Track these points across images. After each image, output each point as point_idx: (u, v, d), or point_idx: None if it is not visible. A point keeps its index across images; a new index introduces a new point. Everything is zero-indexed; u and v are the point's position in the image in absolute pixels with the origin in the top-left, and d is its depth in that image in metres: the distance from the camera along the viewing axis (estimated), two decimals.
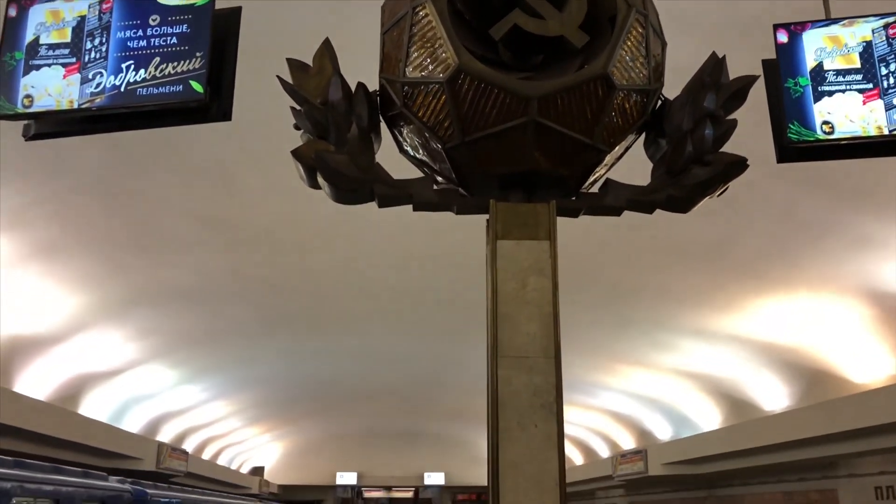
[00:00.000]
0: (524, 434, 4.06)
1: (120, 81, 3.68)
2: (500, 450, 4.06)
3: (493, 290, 4.22)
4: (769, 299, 12.02)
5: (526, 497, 4.00)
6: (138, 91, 3.67)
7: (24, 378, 13.16)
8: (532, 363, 4.14)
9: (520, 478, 4.02)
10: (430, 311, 15.28)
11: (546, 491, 4.01)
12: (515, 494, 4.01)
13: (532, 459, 4.02)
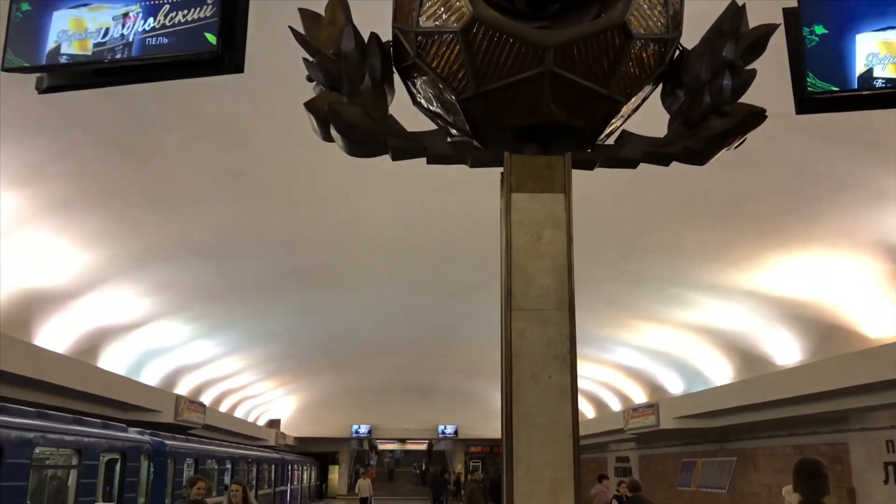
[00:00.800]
0: (538, 386, 4.09)
1: (128, 31, 3.65)
2: (514, 401, 4.10)
3: (507, 244, 4.21)
4: (784, 254, 11.95)
5: (539, 448, 4.05)
6: (148, 41, 3.63)
7: (43, 332, 13.35)
8: (546, 315, 4.15)
9: (533, 429, 4.06)
10: (443, 266, 15.32)
11: (559, 441, 4.05)
12: (529, 445, 4.05)
13: (545, 411, 4.05)
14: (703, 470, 20.84)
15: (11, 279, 11.66)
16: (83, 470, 11.17)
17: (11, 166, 9.22)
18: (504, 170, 4.11)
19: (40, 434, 9.90)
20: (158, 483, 14.90)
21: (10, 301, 11.99)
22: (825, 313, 12.98)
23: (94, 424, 12.14)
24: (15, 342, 11.87)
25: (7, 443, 8.95)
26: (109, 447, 12.28)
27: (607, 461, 29.52)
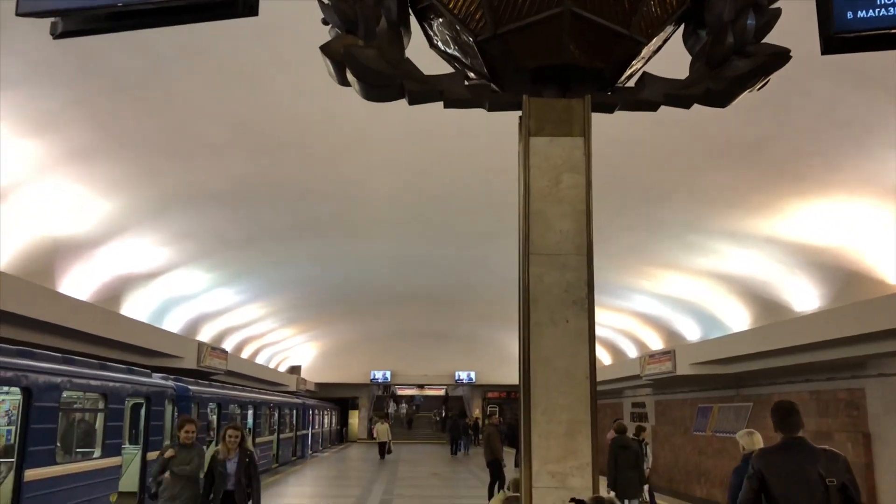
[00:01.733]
0: (555, 330, 4.12)
1: None
2: (532, 345, 4.13)
3: (526, 189, 4.19)
4: (805, 200, 11.81)
5: (556, 390, 4.09)
6: None
7: (66, 279, 13.54)
8: (564, 260, 4.15)
9: (550, 372, 4.10)
10: (461, 213, 15.29)
11: (576, 384, 4.09)
12: (546, 388, 4.10)
13: (563, 354, 4.09)
14: (719, 415, 21.01)
15: (34, 228, 11.80)
16: (109, 413, 11.47)
17: (28, 113, 9.24)
18: (522, 113, 4.07)
19: (67, 378, 10.14)
20: None
21: (33, 249, 12.15)
22: (845, 260, 12.88)
23: (119, 370, 12.40)
24: (39, 289, 12.06)
25: (35, 387, 9.17)
26: (134, 392, 12.56)
27: (623, 406, 29.82)
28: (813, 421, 15.96)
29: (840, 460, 4.78)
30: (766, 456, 4.99)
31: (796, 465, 4.77)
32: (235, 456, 8.15)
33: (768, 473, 4.81)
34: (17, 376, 8.89)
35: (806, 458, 4.79)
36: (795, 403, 5.13)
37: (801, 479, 4.68)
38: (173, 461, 8.02)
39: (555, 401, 4.07)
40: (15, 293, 11.05)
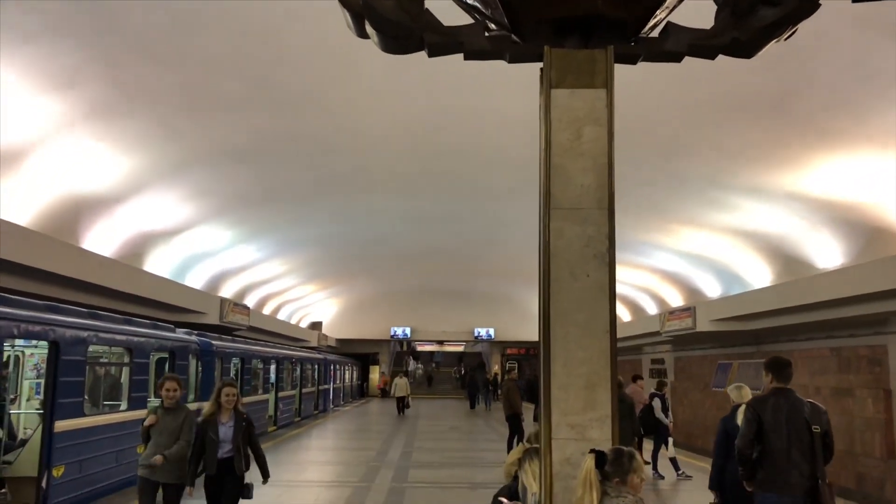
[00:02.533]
0: (576, 284, 4.12)
1: None
2: (552, 299, 4.13)
3: (547, 142, 4.16)
4: (830, 154, 11.62)
5: (576, 344, 4.11)
6: None
7: (89, 236, 13.69)
8: (585, 215, 4.13)
9: (570, 325, 4.11)
10: (481, 169, 15.22)
11: (596, 338, 4.10)
12: (566, 342, 4.12)
13: (583, 308, 4.09)
14: (739, 371, 21.02)
15: (57, 185, 11.90)
16: (135, 367, 11.67)
17: (48, 70, 9.26)
18: (543, 65, 4.02)
19: (93, 333, 10.31)
20: (206, 381, 15.52)
21: (57, 207, 12.27)
22: (870, 215, 12.71)
23: (143, 325, 12.59)
24: (65, 246, 12.21)
25: (63, 340, 9.34)
26: (159, 346, 12.76)
27: (642, 363, 29.92)
28: (833, 377, 15.94)
29: (822, 411, 5.55)
30: (760, 403, 5.61)
31: (787, 412, 5.42)
32: (230, 419, 7.15)
33: (764, 417, 5.44)
34: (45, 330, 9.05)
35: (795, 406, 5.47)
36: (788, 359, 5.78)
37: (791, 423, 5.37)
38: (155, 429, 7.04)
39: (574, 354, 4.09)
40: (41, 250, 11.21)
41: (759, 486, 5.50)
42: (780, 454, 5.36)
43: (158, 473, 6.90)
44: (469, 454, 16.37)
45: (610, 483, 3.70)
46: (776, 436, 5.38)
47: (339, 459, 15.77)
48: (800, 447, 5.33)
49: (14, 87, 9.23)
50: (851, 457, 15.13)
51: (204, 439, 7.01)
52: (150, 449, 7.02)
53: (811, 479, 5.31)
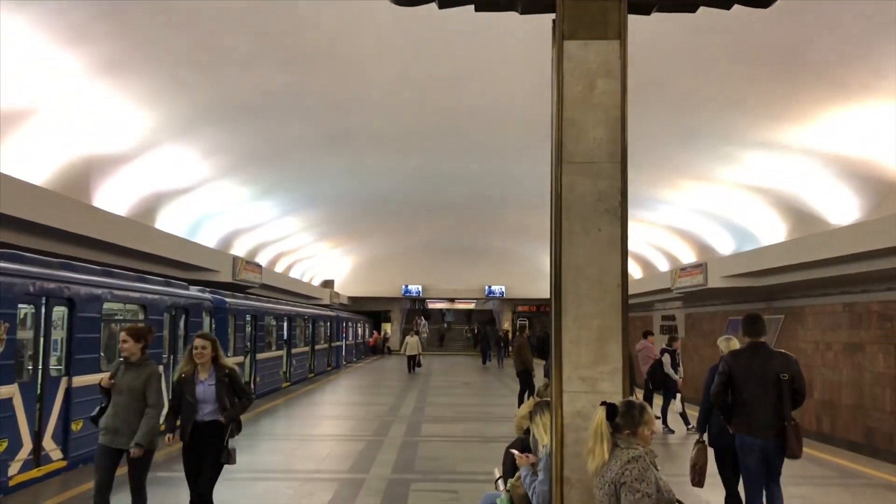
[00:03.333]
0: (588, 238, 4.12)
1: None
2: (563, 253, 4.14)
3: (559, 95, 4.12)
4: (846, 107, 11.45)
5: (588, 298, 4.12)
6: None
7: (101, 194, 13.73)
8: (598, 168, 4.11)
9: (582, 280, 4.12)
10: (493, 126, 15.11)
11: (608, 292, 4.11)
12: (577, 296, 4.13)
13: (594, 262, 4.10)
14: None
15: (69, 142, 11.91)
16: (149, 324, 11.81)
17: (58, 25, 9.19)
18: (556, 16, 3.97)
19: (108, 290, 10.42)
20: (220, 338, 15.70)
21: (69, 165, 12.30)
22: (886, 171, 12.57)
23: (157, 282, 12.69)
24: (78, 204, 12.27)
25: (78, 298, 9.45)
26: (173, 303, 12.89)
27: (653, 319, 30.00)
28: (845, 333, 15.95)
29: (792, 360, 6.10)
30: (734, 356, 6.23)
31: (758, 364, 6.00)
32: (210, 376, 6.24)
33: (735, 370, 6.06)
34: (61, 288, 9.15)
35: (765, 358, 6.05)
36: (761, 315, 6.43)
37: (761, 374, 5.94)
38: (115, 387, 6.05)
39: (586, 308, 4.11)
40: (54, 208, 11.27)
41: (736, 428, 6.09)
42: (753, 400, 5.95)
43: (121, 439, 5.91)
44: (481, 409, 16.55)
45: (620, 435, 3.74)
46: (749, 384, 5.96)
47: (351, 414, 16.00)
48: (770, 393, 5.89)
49: (25, 43, 9.19)
50: (861, 411, 15.22)
51: (181, 401, 6.22)
52: (108, 411, 6.04)
53: (780, 421, 5.86)
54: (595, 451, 3.71)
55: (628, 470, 3.56)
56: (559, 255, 4.13)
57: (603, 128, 4.07)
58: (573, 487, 4.09)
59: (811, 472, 9.39)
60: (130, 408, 5.92)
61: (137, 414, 5.92)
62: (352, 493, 7.86)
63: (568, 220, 4.11)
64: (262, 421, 13.89)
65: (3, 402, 7.91)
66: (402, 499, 7.61)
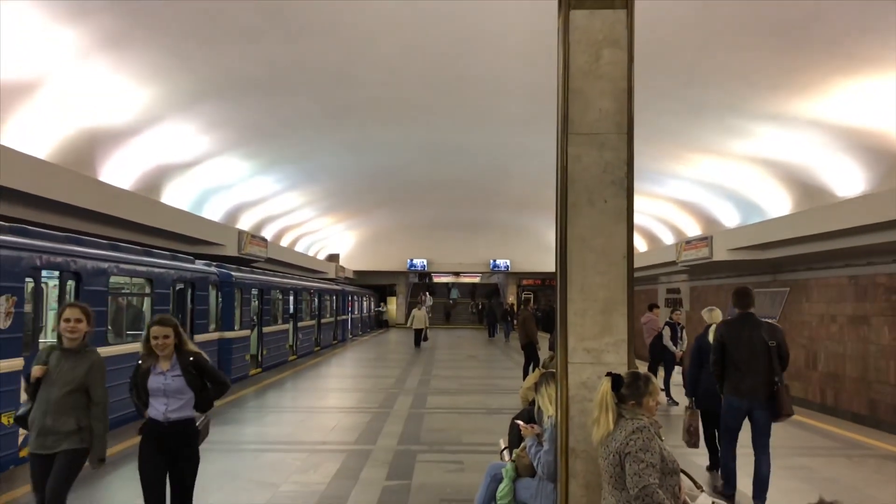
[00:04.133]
0: (593, 210, 4.12)
1: None
2: (569, 225, 4.14)
3: (565, 65, 4.10)
4: (854, 80, 11.35)
5: (593, 270, 4.13)
6: None
7: (105, 168, 13.74)
8: (603, 139, 4.10)
9: (587, 251, 4.13)
10: (497, 99, 15.02)
11: (613, 264, 4.12)
12: (583, 267, 4.14)
13: (600, 233, 4.10)
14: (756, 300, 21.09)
15: (73, 117, 11.89)
16: (156, 298, 11.87)
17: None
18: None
19: (114, 264, 10.45)
20: (227, 311, 15.78)
21: (74, 139, 12.29)
22: (893, 143, 12.49)
23: (163, 256, 12.73)
24: (83, 178, 12.28)
25: (84, 271, 9.49)
26: (179, 277, 12.93)
27: (658, 292, 30.03)
28: (850, 305, 15.95)
29: (778, 329, 6.77)
30: (726, 326, 6.87)
31: (747, 332, 6.55)
32: (173, 366, 5.00)
33: (728, 339, 6.62)
34: (67, 261, 9.19)
35: (754, 327, 6.58)
36: (750, 288, 6.95)
37: (750, 342, 6.49)
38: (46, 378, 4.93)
39: (591, 279, 4.12)
40: (59, 182, 11.28)
41: (725, 391, 6.68)
42: (741, 366, 6.51)
43: (52, 442, 4.85)
44: (486, 381, 16.64)
45: (625, 406, 3.77)
46: (739, 352, 6.53)
47: (358, 387, 16.11)
48: (759, 360, 6.46)
49: (26, 17, 9.15)
50: (865, 384, 15.27)
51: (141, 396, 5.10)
52: (36, 408, 4.91)
53: (769, 385, 6.45)
54: (600, 422, 3.74)
55: (633, 440, 3.58)
56: (565, 227, 4.13)
57: (609, 98, 4.04)
58: (578, 458, 4.13)
59: (815, 443, 9.45)
60: (65, 404, 4.85)
61: (74, 412, 4.87)
62: (359, 463, 7.95)
63: (573, 191, 4.10)
64: (269, 393, 14.00)
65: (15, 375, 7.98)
66: (408, 469, 7.69)
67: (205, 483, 7.18)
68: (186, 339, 5.16)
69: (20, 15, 9.01)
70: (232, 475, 7.38)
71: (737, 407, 6.55)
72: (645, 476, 3.48)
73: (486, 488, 5.14)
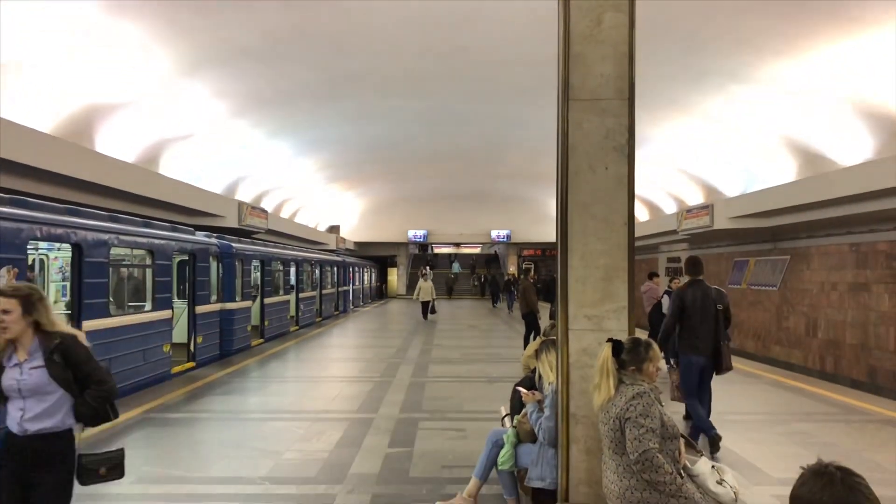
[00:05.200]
0: (594, 176, 4.10)
1: None
2: (570, 192, 4.13)
3: (565, 30, 4.06)
4: (858, 45, 11.24)
5: (594, 237, 4.12)
6: None
7: (103, 139, 13.67)
8: (605, 105, 4.07)
9: (588, 218, 4.12)
10: (497, 69, 14.91)
11: (614, 230, 4.11)
12: (584, 234, 4.13)
13: (601, 200, 4.09)
14: (756, 268, 21.09)
15: (71, 88, 11.81)
16: (157, 269, 11.88)
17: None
18: None
19: (115, 235, 10.45)
20: (228, 282, 15.80)
21: (72, 111, 12.22)
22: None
23: (163, 227, 12.73)
24: (82, 150, 12.23)
25: (85, 243, 9.49)
26: (180, 248, 12.94)
27: (658, 261, 30.06)
28: (850, 273, 15.97)
29: (724, 294, 7.64)
30: (682, 291, 7.66)
31: (699, 296, 7.47)
32: (32, 354, 3.60)
33: (686, 303, 7.47)
34: (68, 233, 9.18)
35: (704, 292, 7.51)
36: (700, 258, 7.87)
37: (701, 304, 7.42)
38: None
39: (592, 246, 4.12)
40: (59, 154, 11.24)
41: (681, 349, 7.50)
42: (694, 327, 7.40)
43: None
44: (487, 351, 16.72)
45: (626, 371, 3.78)
46: (692, 314, 7.42)
47: (360, 356, 16.18)
48: (708, 321, 7.36)
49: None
50: (865, 350, 15.33)
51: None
52: None
53: (715, 342, 7.34)
54: (601, 387, 3.76)
55: (632, 405, 3.60)
56: (565, 194, 4.12)
57: (610, 63, 4.01)
58: (578, 423, 4.16)
59: (814, 409, 9.51)
60: None
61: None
62: (361, 431, 8.01)
63: (574, 158, 4.08)
64: (272, 363, 14.08)
65: None
66: (410, 437, 7.75)
67: (209, 452, 7.26)
68: (49, 316, 3.66)
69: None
70: (236, 444, 7.45)
71: (695, 363, 7.34)
72: (645, 441, 3.50)
73: (487, 454, 5.18)
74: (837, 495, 1.86)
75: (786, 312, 19.09)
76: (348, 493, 5.78)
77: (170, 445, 7.45)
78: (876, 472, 6.13)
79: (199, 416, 8.94)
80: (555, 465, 4.46)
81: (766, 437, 7.77)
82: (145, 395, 10.24)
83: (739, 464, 6.61)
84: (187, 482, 6.11)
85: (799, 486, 1.95)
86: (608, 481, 3.72)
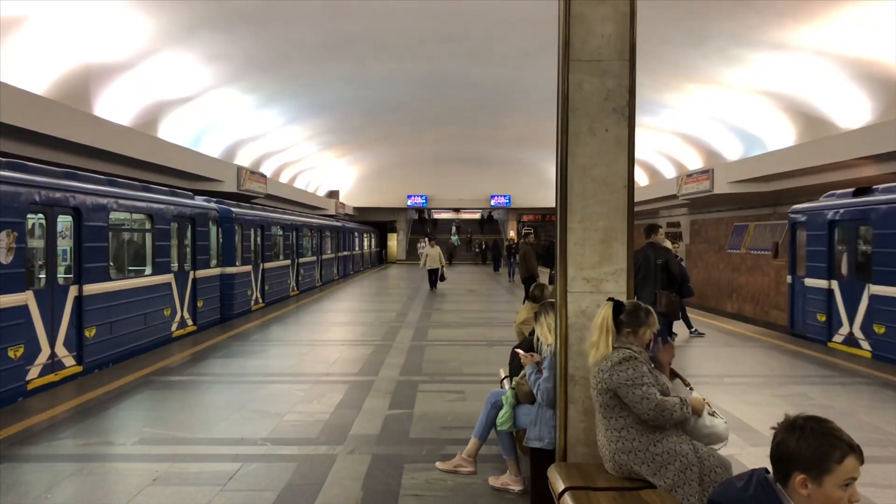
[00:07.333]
0: (594, 138, 4.08)
1: None
2: (570, 155, 4.11)
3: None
4: (862, 7, 11.12)
5: (594, 199, 4.11)
6: None
7: (101, 103, 13.58)
8: (605, 66, 4.03)
9: (588, 181, 4.11)
10: (496, 31, 14.75)
11: (614, 193, 4.10)
12: (583, 197, 4.12)
13: (601, 162, 4.07)
14: (755, 233, 21.09)
15: (67, 50, 11.69)
16: (156, 233, 11.88)
17: None
18: None
19: (114, 199, 10.43)
20: (228, 247, 15.80)
21: (67, 73, 12.11)
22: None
23: (162, 192, 12.69)
24: (79, 114, 12.15)
25: (84, 207, 9.47)
26: (179, 213, 12.92)
27: None
28: None
29: (670, 252, 10.12)
30: (639, 251, 9.33)
31: (650, 255, 9.67)
32: None
33: (637, 260, 9.09)
34: (66, 197, 9.16)
35: (653, 252, 9.71)
36: (656, 223, 9.88)
37: (648, 261, 9.59)
38: None
39: (591, 209, 4.11)
40: (56, 117, 11.17)
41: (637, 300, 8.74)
42: (645, 281, 9.46)
43: None
44: (486, 314, 16.79)
45: (620, 333, 3.80)
46: (644, 270, 9.49)
47: (360, 321, 16.25)
48: (651, 274, 9.51)
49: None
50: None
51: None
52: None
53: (653, 294, 9.35)
54: (599, 345, 3.77)
55: (618, 372, 3.61)
56: (565, 156, 4.10)
57: (611, 23, 3.97)
58: (576, 384, 4.19)
59: (811, 371, 9.59)
60: None
61: None
62: (361, 394, 8.07)
63: (574, 119, 4.06)
64: (272, 327, 14.14)
65: (20, 309, 8.04)
66: (409, 399, 7.81)
67: (210, 414, 7.32)
68: None
69: None
70: (237, 406, 7.51)
71: None
72: (651, 397, 3.54)
73: (486, 415, 5.23)
74: (813, 444, 1.93)
75: (784, 277, 19.11)
76: (349, 453, 5.84)
77: (172, 407, 7.51)
78: (873, 433, 6.20)
79: (201, 378, 9.01)
80: (553, 426, 4.50)
81: (764, 399, 7.84)
82: (147, 358, 10.30)
83: (737, 426, 6.68)
84: (189, 443, 6.18)
85: (775, 445, 2.03)
86: (600, 443, 3.78)
